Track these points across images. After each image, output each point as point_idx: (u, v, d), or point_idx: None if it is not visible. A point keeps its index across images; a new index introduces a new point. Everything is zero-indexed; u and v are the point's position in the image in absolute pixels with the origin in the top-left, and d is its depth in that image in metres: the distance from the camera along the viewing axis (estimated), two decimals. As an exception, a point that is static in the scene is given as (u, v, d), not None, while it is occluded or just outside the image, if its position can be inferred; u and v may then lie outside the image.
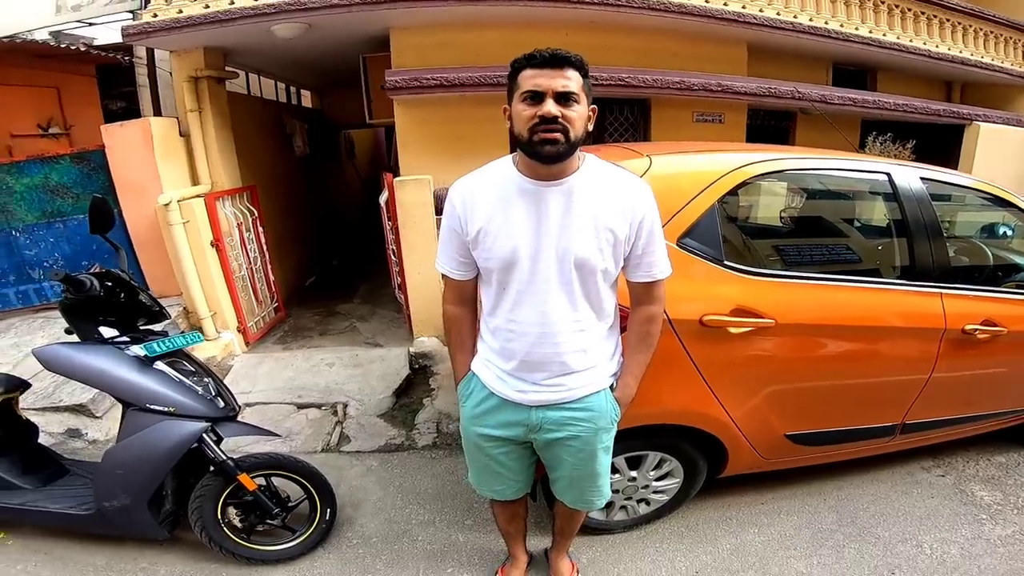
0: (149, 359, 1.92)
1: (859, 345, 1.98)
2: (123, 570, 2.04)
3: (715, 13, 3.93)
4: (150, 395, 1.85)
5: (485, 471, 1.62)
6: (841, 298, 1.93)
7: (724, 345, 1.78)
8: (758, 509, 2.33)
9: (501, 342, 1.41)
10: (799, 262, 2.33)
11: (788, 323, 1.82)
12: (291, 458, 2.12)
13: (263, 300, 4.47)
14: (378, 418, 3.13)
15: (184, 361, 2.07)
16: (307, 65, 5.38)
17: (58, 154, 4.07)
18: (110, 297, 1.94)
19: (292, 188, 5.76)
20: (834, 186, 2.57)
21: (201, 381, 2.02)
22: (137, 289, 2.01)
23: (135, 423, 1.88)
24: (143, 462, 1.87)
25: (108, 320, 1.97)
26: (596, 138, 4.34)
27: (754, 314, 1.77)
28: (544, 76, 1.17)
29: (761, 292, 1.81)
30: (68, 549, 2.13)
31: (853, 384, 2.06)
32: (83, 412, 3.01)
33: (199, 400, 1.92)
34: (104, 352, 1.87)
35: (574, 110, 1.19)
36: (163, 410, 1.86)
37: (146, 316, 2.06)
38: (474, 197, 1.33)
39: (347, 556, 2.12)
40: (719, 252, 1.79)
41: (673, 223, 1.73)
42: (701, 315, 1.73)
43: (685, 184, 1.81)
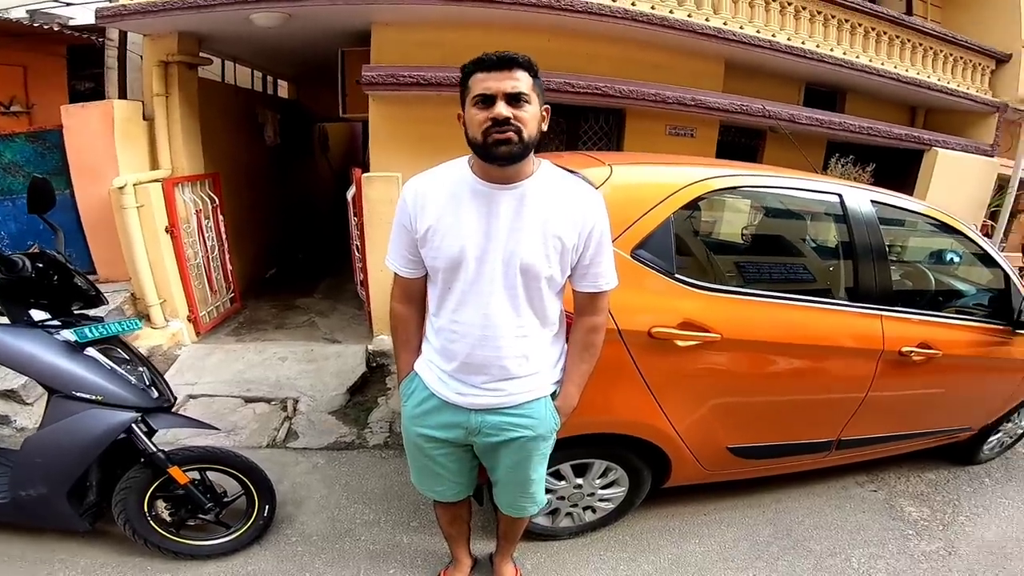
0: (80, 344, 1.83)
1: (801, 362, 2.02)
2: (38, 560, 1.96)
3: (697, 28, 3.99)
4: (77, 382, 1.77)
5: (425, 472, 1.61)
6: (786, 316, 1.96)
7: (671, 357, 1.79)
8: (700, 520, 2.36)
9: (443, 342, 1.40)
10: (754, 279, 2.37)
11: (734, 338, 1.84)
12: (228, 452, 2.05)
13: (218, 290, 4.35)
14: (329, 415, 3.07)
15: (118, 348, 1.98)
16: (285, 55, 5.28)
17: (13, 132, 3.93)
18: (43, 279, 1.85)
19: (259, 178, 5.63)
20: (790, 205, 2.62)
21: (135, 370, 1.94)
22: (73, 272, 1.92)
23: (59, 410, 1.79)
24: (65, 451, 1.79)
25: (40, 303, 1.88)
26: (569, 145, 4.36)
27: (701, 328, 1.79)
28: (493, 79, 1.18)
29: (710, 307, 1.82)
30: None
31: (793, 400, 2.10)
32: (13, 398, 2.88)
33: (130, 389, 1.84)
34: (31, 335, 1.78)
35: (525, 110, 1.19)
36: (90, 398, 1.78)
37: (82, 300, 1.97)
38: (426, 195, 1.32)
39: (284, 553, 2.08)
40: (671, 265, 1.80)
41: (629, 233, 1.73)
42: (650, 327, 1.73)
43: (643, 195, 1.81)
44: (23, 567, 1.93)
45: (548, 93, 4.06)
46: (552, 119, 4.38)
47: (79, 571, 1.93)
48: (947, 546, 2.32)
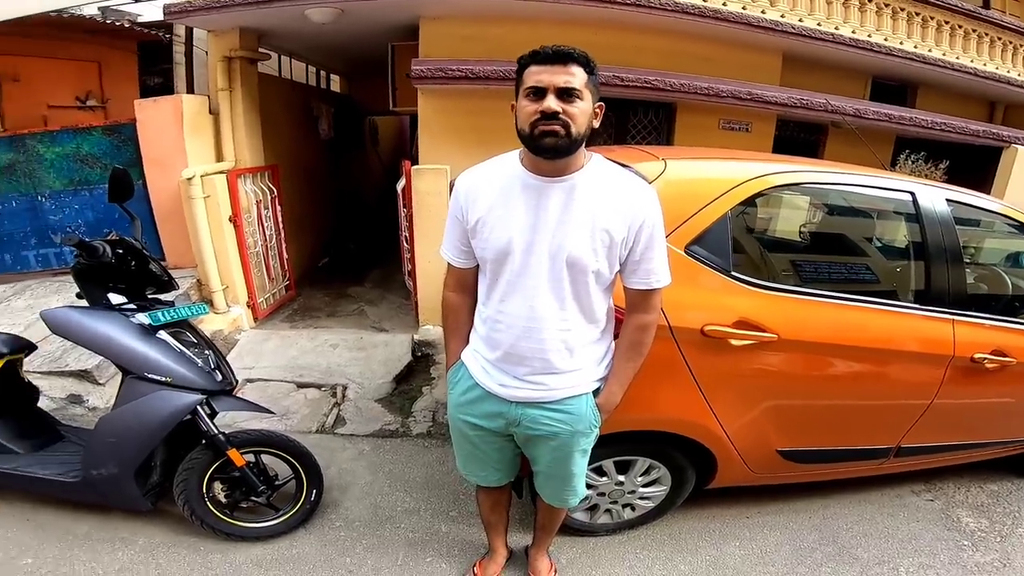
0: (153, 328, 1.93)
1: (863, 366, 1.93)
2: (103, 539, 2.06)
3: (752, 20, 3.85)
4: (149, 363, 1.87)
5: (470, 457, 1.65)
6: (849, 318, 1.88)
7: (724, 357, 1.74)
8: (742, 523, 2.30)
9: (489, 331, 1.43)
10: (813, 278, 2.27)
11: (792, 339, 1.77)
12: (282, 436, 2.13)
13: (275, 278, 4.54)
14: (376, 403, 3.15)
15: (187, 332, 2.08)
16: (338, 50, 5.44)
17: (91, 125, 4.21)
18: (121, 264, 1.96)
19: (314, 170, 5.82)
20: (856, 203, 2.49)
21: (202, 353, 2.03)
22: (148, 258, 2.03)
23: (132, 391, 1.89)
24: (136, 431, 1.88)
25: (118, 287, 1.99)
26: (617, 139, 4.29)
27: (758, 328, 1.73)
28: (547, 72, 1.18)
29: (767, 306, 1.76)
30: (53, 517, 2.16)
31: (852, 405, 2.01)
32: (87, 378, 3.06)
33: (197, 372, 1.93)
34: (110, 318, 1.89)
35: (576, 106, 1.19)
36: (160, 379, 1.87)
37: (155, 285, 2.08)
38: (477, 188, 1.35)
39: (328, 538, 2.13)
40: (727, 262, 1.75)
41: (682, 229, 1.70)
42: (703, 324, 1.69)
43: (699, 190, 1.77)
44: (88, 545, 2.03)
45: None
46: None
47: (138, 550, 2.02)
48: (1002, 557, 2.19)
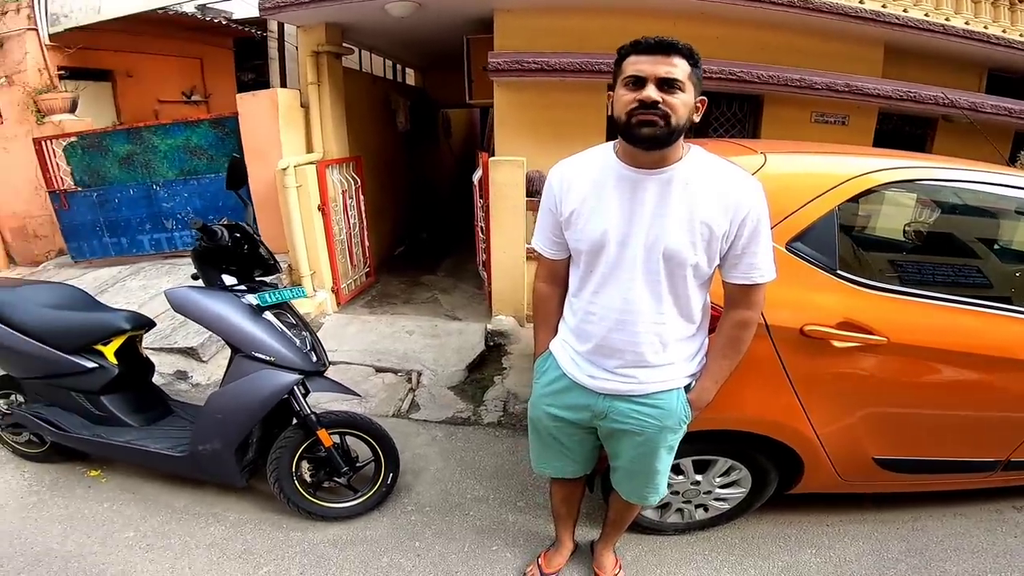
0: (260, 308, 2.06)
1: (977, 375, 1.78)
2: (198, 514, 2.20)
3: (848, 11, 3.61)
4: (257, 343, 1.98)
5: (547, 448, 1.64)
6: (965, 323, 1.74)
7: (823, 358, 1.66)
8: (821, 530, 2.19)
9: (580, 323, 1.42)
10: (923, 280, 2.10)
11: (902, 343, 1.66)
12: (366, 419, 2.20)
13: (357, 264, 4.76)
14: (449, 390, 3.23)
15: (288, 314, 2.19)
16: (414, 44, 5.58)
17: (199, 119, 4.56)
18: (236, 247, 2.09)
19: (392, 161, 6.03)
20: (974, 201, 2.28)
21: (300, 334, 2.14)
22: (259, 242, 2.16)
23: (240, 369, 2.01)
24: (241, 408, 2.00)
25: (230, 269, 2.13)
26: (698, 132, 4.15)
27: (864, 329, 1.64)
28: (648, 62, 1.15)
29: (875, 307, 1.66)
30: (155, 490, 2.32)
31: (961, 415, 1.86)
32: (192, 355, 3.32)
33: (297, 352, 2.03)
34: (224, 298, 2.03)
35: (677, 97, 1.15)
36: (265, 359, 1.98)
37: (262, 268, 2.20)
38: (571, 179, 1.34)
39: (400, 522, 2.20)
40: (832, 260, 1.66)
41: (784, 225, 1.63)
42: (803, 324, 1.62)
43: (802, 185, 1.69)
44: (184, 519, 2.17)
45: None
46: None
47: (228, 525, 2.14)
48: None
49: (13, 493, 2.31)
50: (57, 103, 4.90)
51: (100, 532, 2.12)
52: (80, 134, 4.59)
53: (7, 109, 5.05)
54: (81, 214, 4.70)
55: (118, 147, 4.52)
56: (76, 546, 2.05)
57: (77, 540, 2.07)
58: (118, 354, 2.29)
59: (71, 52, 5.14)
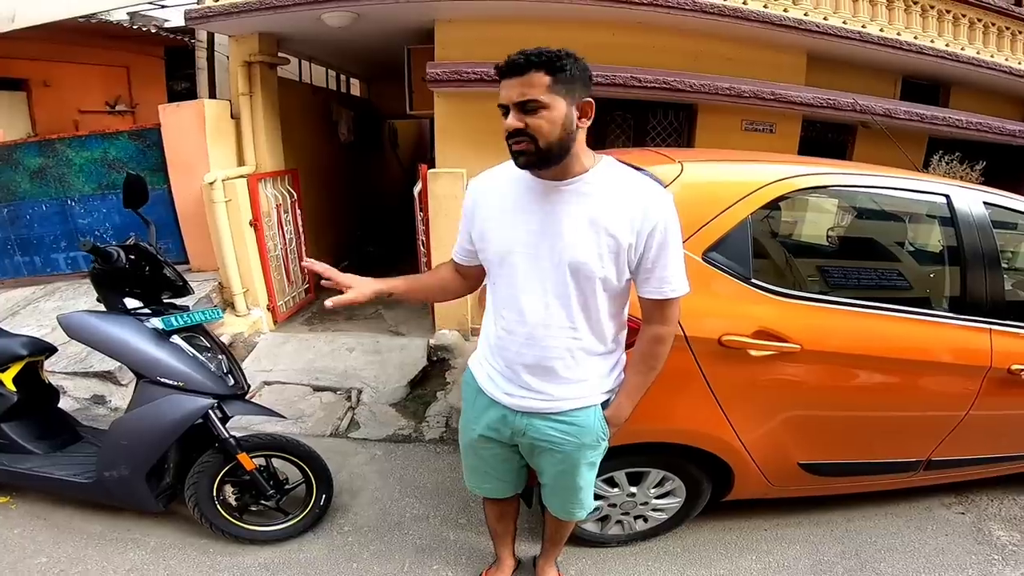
0: (166, 332, 1.95)
1: (893, 378, 1.84)
2: (115, 539, 2.10)
3: (774, 19, 3.74)
4: (162, 368, 1.88)
5: (475, 470, 1.63)
6: (879, 327, 1.79)
7: (742, 367, 1.67)
8: (759, 535, 2.22)
9: (494, 339, 1.40)
10: (841, 285, 2.18)
11: (816, 350, 1.69)
12: (293, 440, 2.12)
13: (295, 281, 4.58)
14: (390, 407, 3.14)
15: (201, 337, 2.09)
16: (356, 54, 5.48)
17: (117, 131, 4.28)
18: (135, 269, 1.98)
19: (333, 174, 5.88)
20: (886, 205, 2.39)
21: (215, 358, 2.04)
22: (162, 263, 2.04)
23: (145, 395, 1.91)
24: (147, 434, 1.90)
25: (134, 292, 2.01)
26: (636, 141, 4.22)
27: (779, 338, 1.66)
28: (507, 87, 1.14)
29: (790, 315, 1.69)
30: (68, 516, 2.20)
31: (880, 417, 1.92)
32: (109, 379, 3.12)
33: (209, 376, 1.94)
34: (124, 322, 1.92)
35: (540, 116, 1.12)
36: (173, 383, 1.88)
37: (171, 290, 2.09)
38: (486, 192, 1.34)
39: (336, 543, 2.13)
40: (747, 269, 1.68)
41: (700, 235, 1.64)
42: (721, 334, 1.63)
43: (717, 194, 1.71)
44: (100, 545, 2.06)
45: (614, 88, 3.89)
46: (618, 114, 4.24)
47: (148, 550, 2.05)
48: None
49: None
50: (-40, 114, 4.53)
51: (10, 558, 2.01)
52: (-13, 147, 4.25)
53: (-96, 121, 4.63)
54: (-11, 232, 4.34)
55: (29, 160, 4.20)
56: None
57: None
58: (16, 380, 2.18)
59: None
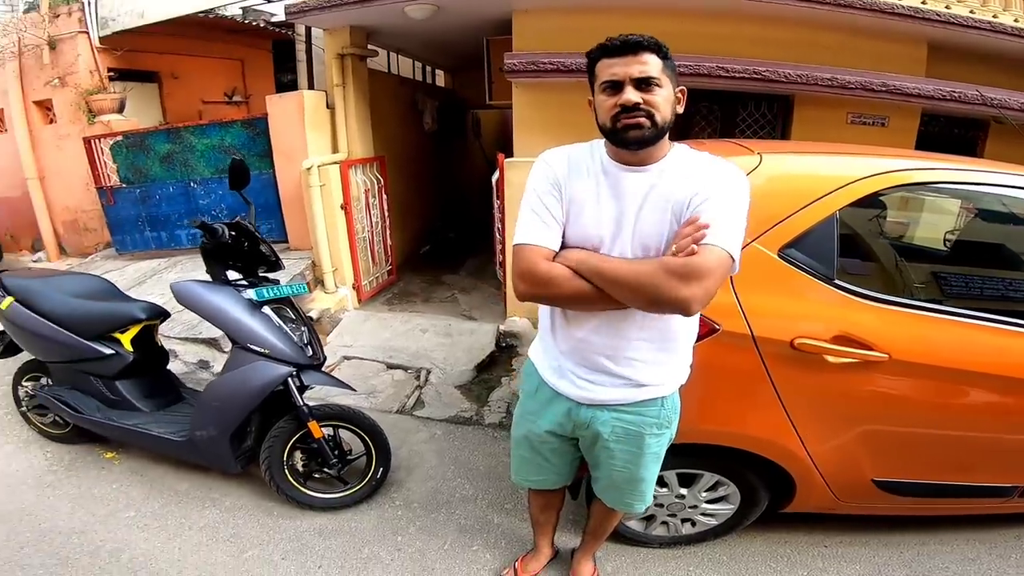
0: (258, 303, 2.14)
1: (993, 396, 1.64)
2: (196, 498, 2.30)
3: (884, 8, 3.39)
4: (252, 335, 2.06)
5: (525, 462, 1.61)
6: (981, 340, 1.60)
7: (816, 374, 1.56)
8: (817, 551, 2.08)
9: (561, 328, 1.37)
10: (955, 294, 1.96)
11: (907, 361, 1.55)
12: (359, 413, 2.25)
13: (379, 262, 4.84)
14: (455, 388, 3.24)
15: (288, 309, 2.27)
16: (439, 46, 5.63)
17: (232, 120, 4.77)
18: (236, 245, 2.18)
19: (418, 161, 6.11)
20: (1002, 207, 2.11)
21: (298, 329, 2.21)
22: (259, 240, 2.23)
23: (236, 360, 2.10)
24: (235, 396, 2.08)
25: (235, 265, 2.21)
26: (724, 133, 4.02)
27: (863, 345, 1.53)
28: (620, 64, 1.14)
29: (877, 321, 1.55)
30: (162, 474, 2.43)
31: (974, 437, 1.72)
32: (214, 346, 3.45)
33: (291, 346, 2.10)
34: (224, 292, 2.12)
35: (656, 94, 1.14)
36: (260, 351, 2.05)
37: (266, 265, 2.28)
38: (573, 162, 1.26)
39: (386, 515, 2.24)
40: (831, 269, 1.56)
41: (778, 230, 1.54)
42: (793, 337, 1.53)
43: (800, 188, 1.60)
44: (183, 503, 2.27)
45: (698, 78, 3.72)
46: (704, 105, 4.04)
47: (222, 510, 2.24)
48: None
49: (33, 472, 2.46)
50: (107, 103, 5.18)
51: (104, 511, 2.23)
52: (125, 133, 4.87)
53: (60, 109, 5.38)
54: (125, 209, 4.98)
55: (159, 146, 4.76)
56: (80, 523, 2.16)
57: (82, 518, 2.19)
58: (134, 342, 2.42)
59: (119, 54, 5.41)
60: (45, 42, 5.28)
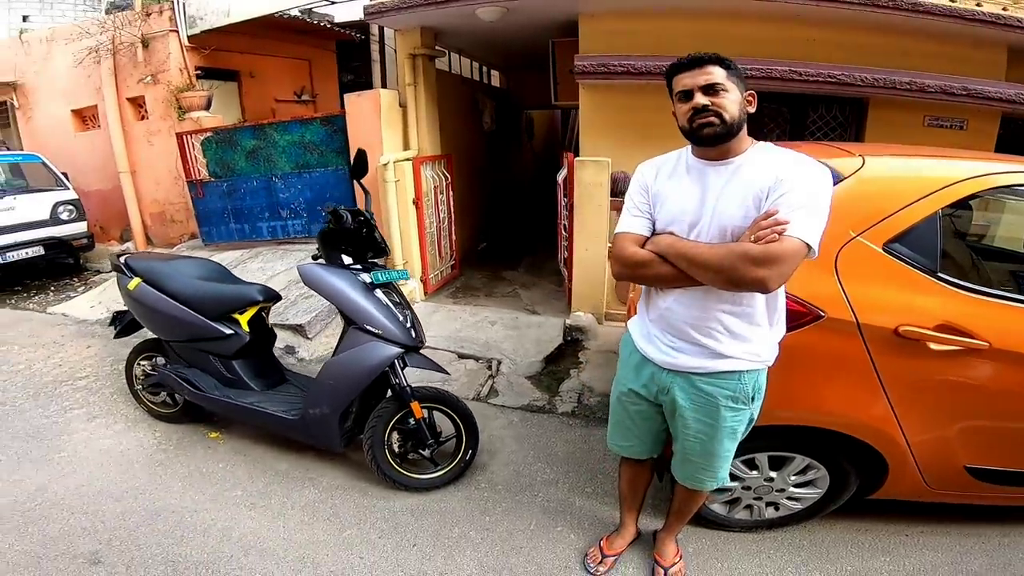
0: (372, 285, 2.28)
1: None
2: (296, 477, 2.42)
3: (965, 14, 3.39)
4: (369, 316, 2.20)
5: (619, 426, 1.75)
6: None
7: (919, 361, 1.64)
8: (898, 539, 2.11)
9: (654, 299, 1.53)
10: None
11: (1006, 350, 1.61)
12: (454, 396, 2.36)
13: (444, 257, 5.04)
14: (526, 379, 3.37)
15: (394, 293, 2.40)
16: (501, 47, 5.78)
17: (313, 117, 4.99)
18: (357, 231, 2.32)
19: (478, 160, 6.30)
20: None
21: (404, 312, 2.34)
22: (375, 227, 2.37)
23: (353, 340, 2.22)
24: (349, 376, 2.20)
25: (348, 250, 2.36)
26: (793, 135, 4.05)
27: (964, 333, 1.60)
28: (688, 76, 1.34)
29: (977, 311, 1.62)
30: (262, 453, 2.55)
31: None
32: (300, 332, 3.64)
33: (400, 328, 2.23)
34: (345, 275, 2.27)
35: (723, 97, 1.31)
36: (374, 331, 2.18)
37: (374, 251, 2.41)
38: (658, 167, 1.51)
39: (472, 496, 2.32)
40: (933, 262, 1.64)
41: (882, 226, 1.63)
42: (898, 324, 1.61)
43: (903, 188, 1.68)
44: (284, 482, 2.39)
45: (769, 81, 3.75)
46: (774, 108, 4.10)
47: (321, 489, 2.33)
48: None
49: (144, 451, 2.62)
50: (196, 100, 5.48)
51: (213, 490, 2.36)
52: (215, 129, 5.18)
53: (152, 105, 5.69)
54: (213, 202, 5.31)
55: (245, 142, 5.05)
56: (191, 502, 2.28)
57: (193, 497, 2.31)
58: (250, 323, 2.58)
59: (206, 53, 5.68)
60: (139, 40, 5.53)
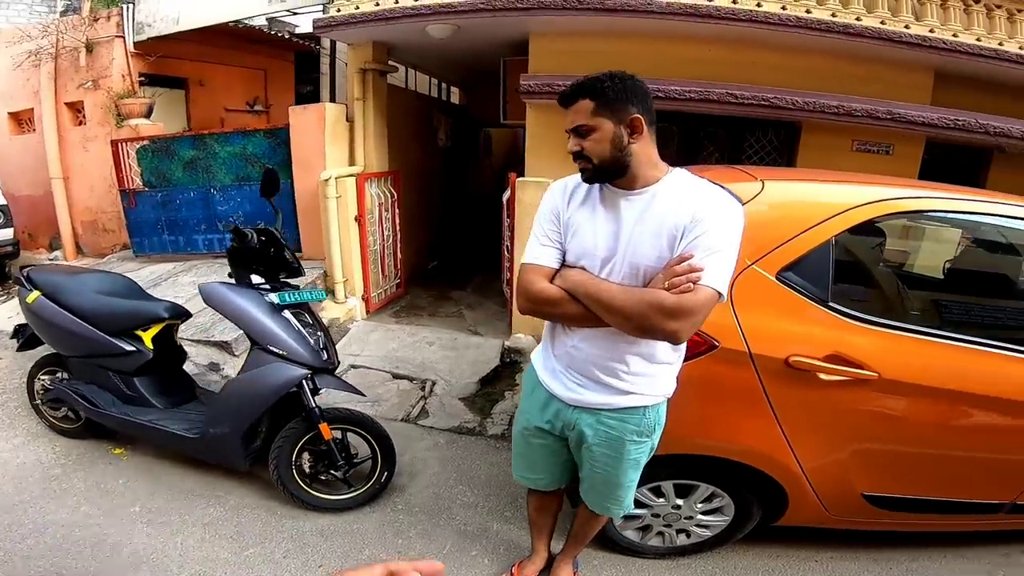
0: (280, 306, 2.22)
1: (980, 415, 1.70)
2: (201, 495, 2.35)
3: (892, 36, 3.50)
4: (272, 337, 2.14)
5: (523, 457, 1.70)
6: (968, 362, 1.67)
7: (809, 390, 1.63)
8: (808, 565, 2.11)
9: (559, 335, 1.48)
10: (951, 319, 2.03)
11: (896, 380, 1.62)
12: (368, 418, 2.31)
13: (388, 275, 4.94)
14: (459, 400, 3.31)
15: (306, 314, 2.35)
16: (456, 64, 5.78)
17: (255, 128, 4.88)
18: (263, 250, 2.27)
19: (430, 177, 6.22)
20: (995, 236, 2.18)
21: (314, 334, 2.29)
22: (284, 247, 2.32)
23: (255, 360, 2.18)
24: (252, 395, 2.15)
25: (259, 270, 2.30)
26: (731, 160, 4.11)
27: (854, 363, 1.60)
28: (565, 115, 1.31)
29: (868, 342, 1.63)
30: (168, 470, 2.48)
31: (962, 456, 1.78)
32: (226, 349, 3.53)
33: (308, 349, 2.18)
34: (249, 295, 2.21)
35: (590, 139, 1.27)
36: (279, 352, 2.13)
37: (287, 271, 2.36)
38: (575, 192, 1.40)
39: (387, 518, 2.29)
40: (824, 292, 1.64)
41: (776, 254, 1.63)
42: (788, 355, 1.60)
43: (799, 214, 1.69)
44: (187, 499, 2.31)
45: (707, 104, 3.79)
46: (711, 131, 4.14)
47: (226, 508, 2.27)
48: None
49: (41, 465, 2.50)
50: (135, 108, 5.30)
51: (109, 505, 2.27)
52: (152, 138, 5.01)
53: (90, 111, 5.49)
54: (146, 212, 5.11)
55: (184, 152, 4.90)
56: (83, 516, 2.19)
57: (86, 511, 2.22)
58: (155, 340, 2.49)
59: (152, 60, 5.53)
60: (83, 45, 5.38)
